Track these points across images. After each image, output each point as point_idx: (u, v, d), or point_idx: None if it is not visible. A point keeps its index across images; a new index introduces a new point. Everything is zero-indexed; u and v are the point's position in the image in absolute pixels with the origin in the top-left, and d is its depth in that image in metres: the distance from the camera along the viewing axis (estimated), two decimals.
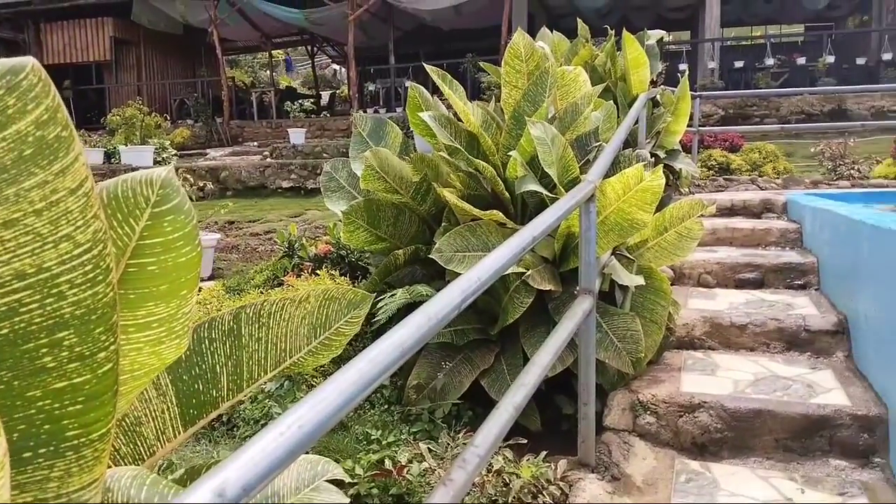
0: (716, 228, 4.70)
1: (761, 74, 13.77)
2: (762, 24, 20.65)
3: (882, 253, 2.59)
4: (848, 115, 12.03)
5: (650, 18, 17.65)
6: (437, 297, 1.27)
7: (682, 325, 3.30)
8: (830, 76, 13.36)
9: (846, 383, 2.71)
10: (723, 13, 15.08)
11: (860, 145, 9.29)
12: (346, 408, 0.94)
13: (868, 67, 13.88)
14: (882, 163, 7.80)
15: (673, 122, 5.43)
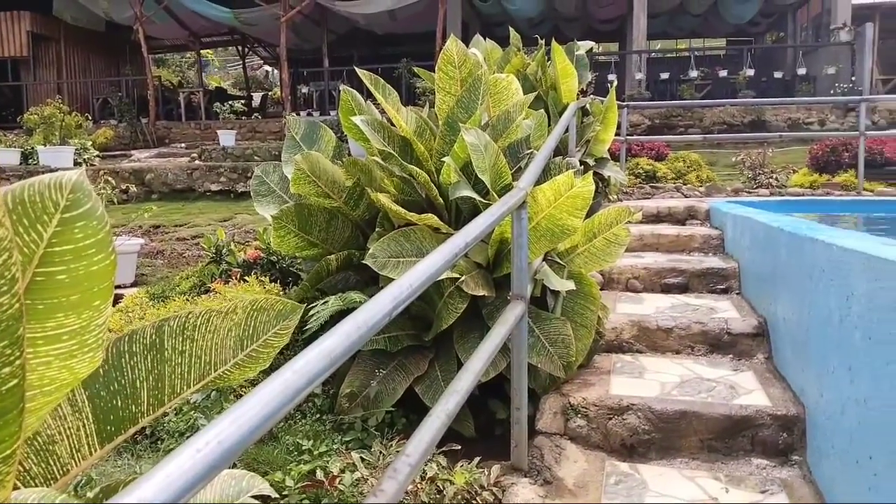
0: (643, 235, 4.84)
1: (686, 86, 14.29)
2: (687, 37, 21.50)
3: (797, 259, 2.72)
4: (766, 126, 12.63)
5: (580, 29, 18.10)
6: (368, 305, 1.25)
7: (612, 329, 3.37)
8: (750, 89, 13.98)
9: (766, 384, 2.82)
10: (649, 26, 15.59)
11: (778, 155, 9.76)
12: (270, 421, 0.91)
13: (785, 81, 14.61)
14: (798, 172, 8.21)
15: (602, 131, 5.55)
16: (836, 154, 7.73)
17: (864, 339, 1.91)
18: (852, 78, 13.09)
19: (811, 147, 8.18)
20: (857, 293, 1.99)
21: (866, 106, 7.39)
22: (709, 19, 17.46)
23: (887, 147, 7.72)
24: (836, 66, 13.50)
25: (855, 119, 9.87)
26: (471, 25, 16.52)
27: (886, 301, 1.77)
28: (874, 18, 15.41)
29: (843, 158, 7.62)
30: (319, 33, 17.09)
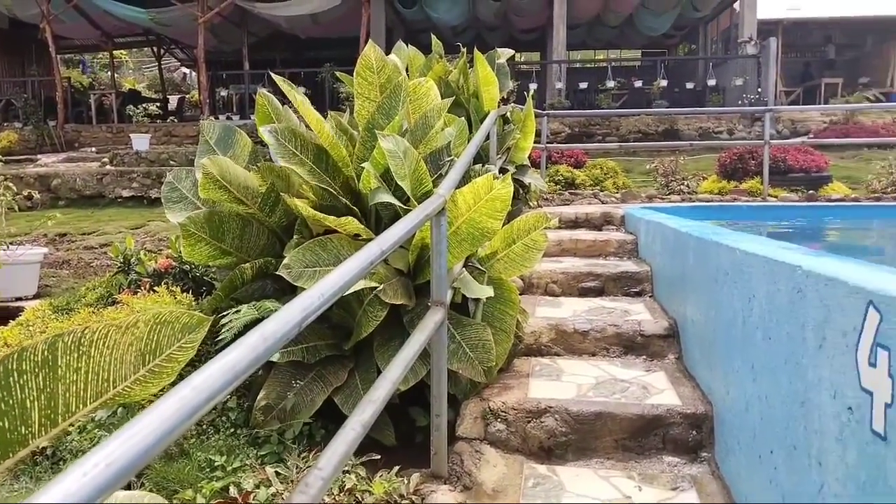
0: (562, 240, 4.95)
1: (603, 95, 14.73)
2: (605, 48, 22.20)
3: (704, 263, 2.83)
4: (679, 135, 13.16)
5: (503, 38, 18.40)
6: (276, 316, 1.21)
7: (531, 333, 3.42)
8: (664, 99, 14.56)
9: (677, 384, 2.93)
10: (569, 37, 15.99)
11: (690, 163, 10.19)
12: (166, 441, 0.86)
13: (696, 91, 15.28)
14: (708, 179, 8.60)
15: (522, 138, 5.65)
16: (742, 162, 8.14)
17: (765, 338, 2.01)
18: (758, 89, 13.81)
19: (720, 155, 8.57)
20: (758, 295, 2.09)
21: (770, 116, 7.81)
22: (625, 31, 18.09)
23: (790, 155, 8.19)
24: (743, 77, 14.24)
25: (761, 128, 10.41)
26: (395, 31, 16.52)
27: (783, 302, 1.86)
28: (777, 33, 16.35)
29: (749, 166, 8.03)
30: (239, 35, 16.70)
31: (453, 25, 17.06)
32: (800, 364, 1.72)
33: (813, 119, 13.37)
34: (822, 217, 6.38)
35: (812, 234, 5.84)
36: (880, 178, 7.95)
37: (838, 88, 16.58)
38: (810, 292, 1.67)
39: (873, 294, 1.36)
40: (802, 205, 6.92)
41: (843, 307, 1.49)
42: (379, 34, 15.15)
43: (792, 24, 17.76)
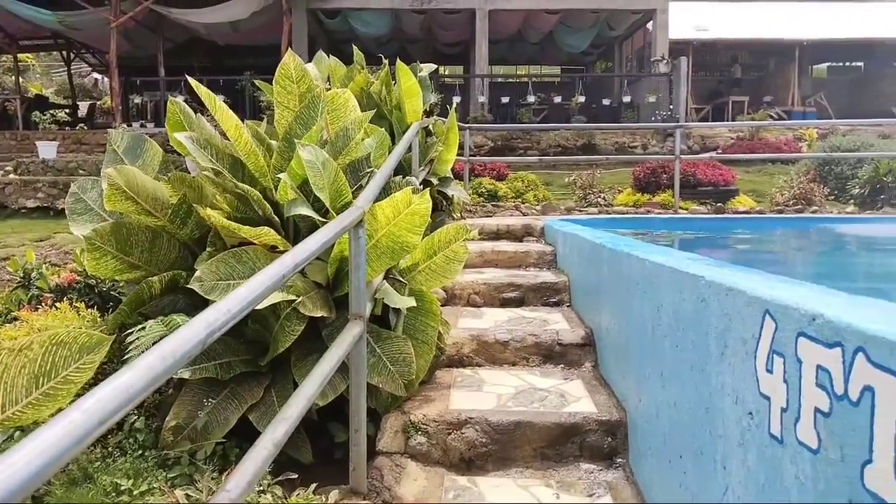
0: (484, 251, 5.00)
1: (524, 110, 15.04)
2: (526, 63, 22.69)
3: (617, 273, 2.92)
4: (597, 149, 13.57)
5: (426, 51, 18.54)
6: (177, 334, 1.16)
7: (453, 344, 3.43)
8: (582, 114, 15.00)
9: (593, 391, 2.99)
10: (491, 52, 16.26)
11: (606, 176, 10.50)
12: (52, 468, 0.81)
13: (612, 108, 15.81)
14: (623, 192, 8.89)
15: (444, 151, 5.69)
16: (655, 175, 8.46)
17: (672, 346, 2.08)
18: (670, 106, 14.43)
19: (634, 169, 8.88)
20: (666, 304, 2.16)
21: (681, 132, 8.16)
22: (545, 48, 18.58)
23: (699, 170, 8.57)
24: (656, 94, 14.85)
25: (673, 144, 10.87)
26: (318, 41, 16.36)
27: (688, 311, 1.93)
28: (688, 53, 17.14)
29: (661, 179, 8.36)
30: (155, 41, 16.14)
31: (377, 37, 17.06)
32: (704, 371, 1.79)
33: (721, 135, 14.06)
34: (729, 228, 6.70)
35: (720, 244, 6.12)
36: (783, 191, 8.43)
37: (745, 106, 17.52)
38: (713, 302, 1.74)
39: (769, 303, 1.43)
40: (711, 217, 7.26)
41: (742, 316, 1.56)
42: (301, 43, 14.97)
43: (701, 45, 18.66)
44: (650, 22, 16.07)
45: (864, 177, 8.22)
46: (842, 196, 8.62)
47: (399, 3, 15.62)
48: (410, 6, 15.59)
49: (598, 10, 16.10)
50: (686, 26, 18.24)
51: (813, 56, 21.28)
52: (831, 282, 4.03)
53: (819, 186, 8.32)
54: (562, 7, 15.72)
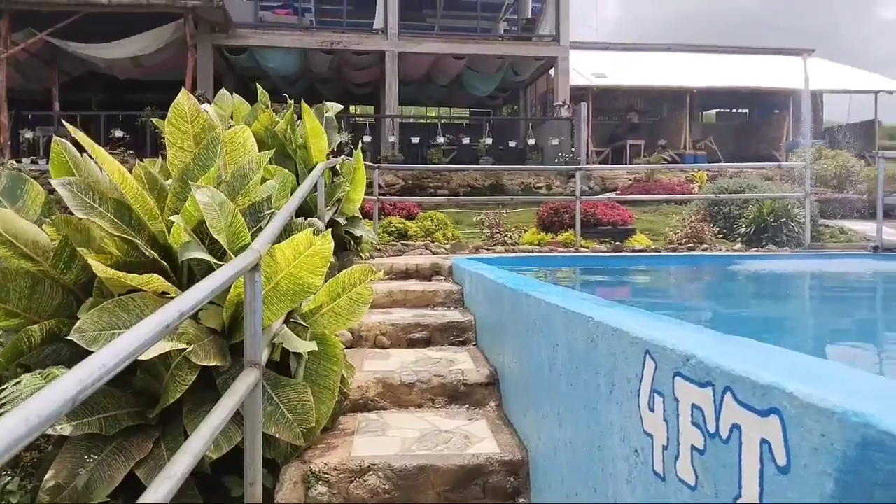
0: (392, 291, 4.99)
1: (434, 150, 15.28)
2: (436, 105, 23.14)
3: (517, 312, 2.97)
4: (504, 189, 13.93)
5: (337, 90, 18.60)
6: (43, 392, 1.09)
7: (358, 388, 3.38)
8: (489, 155, 15.39)
9: (497, 431, 3.01)
10: (401, 93, 16.50)
11: (513, 215, 10.78)
12: None
13: (518, 149, 16.32)
14: (529, 231, 9.14)
15: (352, 190, 5.68)
16: (558, 215, 8.75)
17: (567, 385, 2.13)
18: (572, 149, 15.05)
19: (539, 209, 9.16)
20: (561, 344, 2.22)
21: (581, 174, 8.51)
22: (454, 91, 19.03)
23: (599, 210, 8.94)
24: (559, 138, 15.45)
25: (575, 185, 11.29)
26: (224, 77, 16.11)
27: (580, 351, 1.99)
28: (588, 99, 17.98)
29: (564, 219, 8.65)
30: (50, 74, 15.42)
31: (286, 75, 16.98)
32: (595, 409, 1.84)
33: (620, 177, 14.76)
34: (627, 266, 6.99)
35: (619, 282, 6.37)
36: (676, 230, 8.90)
37: (641, 149, 18.51)
38: (601, 342, 1.80)
39: (649, 344, 1.49)
40: (610, 255, 7.55)
41: (627, 356, 1.62)
42: (206, 80, 14.70)
43: (600, 91, 19.66)
44: (552, 68, 16.80)
45: (749, 216, 8.81)
46: (730, 234, 9.19)
47: (308, 42, 15.65)
48: (320, 46, 15.65)
49: (503, 56, 16.71)
50: (586, 73, 19.20)
51: (703, 103, 22.84)
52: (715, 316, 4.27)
53: (709, 225, 8.84)
54: (468, 52, 16.20)
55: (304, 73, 17.34)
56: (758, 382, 1.07)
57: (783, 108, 20.02)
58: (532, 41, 17.34)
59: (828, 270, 6.77)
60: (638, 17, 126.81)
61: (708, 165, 15.94)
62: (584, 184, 13.58)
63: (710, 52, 23.48)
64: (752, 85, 20.16)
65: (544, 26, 17.52)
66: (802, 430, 0.97)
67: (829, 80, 20.33)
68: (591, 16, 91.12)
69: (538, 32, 17.68)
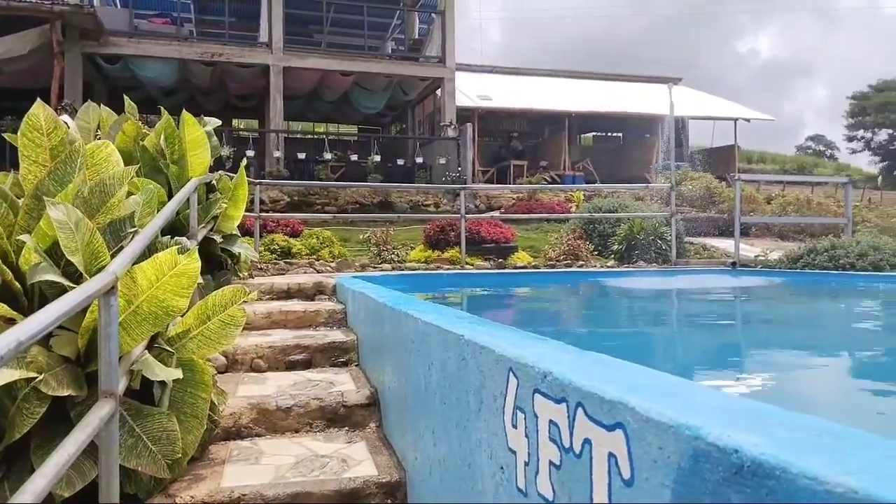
0: (271, 312, 4.84)
1: (322, 166, 15.08)
2: (324, 121, 22.89)
3: (396, 331, 2.96)
4: (393, 207, 13.94)
5: (219, 103, 17.99)
6: None
7: (230, 415, 3.23)
8: (378, 172, 15.37)
9: (376, 453, 2.97)
10: (288, 107, 16.21)
11: (402, 233, 10.80)
12: None
13: (406, 167, 16.41)
14: (416, 248, 9.18)
15: (231, 207, 5.48)
16: (444, 233, 8.85)
17: (441, 403, 2.13)
18: (458, 168, 15.31)
19: (425, 227, 9.23)
20: (436, 362, 2.22)
21: (466, 193, 8.67)
22: (342, 107, 18.91)
23: (483, 228, 9.12)
24: (446, 157, 15.68)
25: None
26: (95, 87, 15.20)
27: (453, 369, 2.00)
28: (473, 120, 18.41)
29: (450, 237, 8.76)
30: None
31: (164, 86, 16.24)
32: (466, 427, 1.85)
33: (504, 196, 15.17)
34: (508, 282, 7.17)
35: (500, 298, 6.51)
36: (555, 247, 9.23)
37: (524, 169, 19.12)
38: (471, 360, 1.82)
39: (512, 361, 1.52)
40: (494, 272, 7.72)
41: (493, 373, 1.64)
42: (75, 89, 13.80)
43: (486, 113, 20.19)
44: (439, 89, 17.07)
45: (621, 234, 9.29)
46: (604, 251, 9.65)
47: (187, 53, 15.06)
48: (199, 57, 15.10)
49: (391, 74, 16.80)
50: (472, 95, 19.67)
51: (581, 126, 23.94)
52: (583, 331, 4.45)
53: (585, 243, 9.24)
54: (355, 69, 16.17)
55: (184, 84, 16.64)
56: (605, 398, 1.12)
57: (653, 132, 21.35)
58: (419, 62, 17.55)
59: (688, 286, 7.25)
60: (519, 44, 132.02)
61: (585, 186, 16.71)
62: (470, 202, 13.85)
63: (588, 78, 24.76)
64: (625, 110, 21.39)
65: (431, 48, 17.80)
66: (644, 443, 1.01)
67: (694, 107, 21.94)
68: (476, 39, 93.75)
69: (425, 53, 17.94)
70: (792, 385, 2.85)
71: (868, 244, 7.19)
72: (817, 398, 2.66)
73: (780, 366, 3.33)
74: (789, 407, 1.01)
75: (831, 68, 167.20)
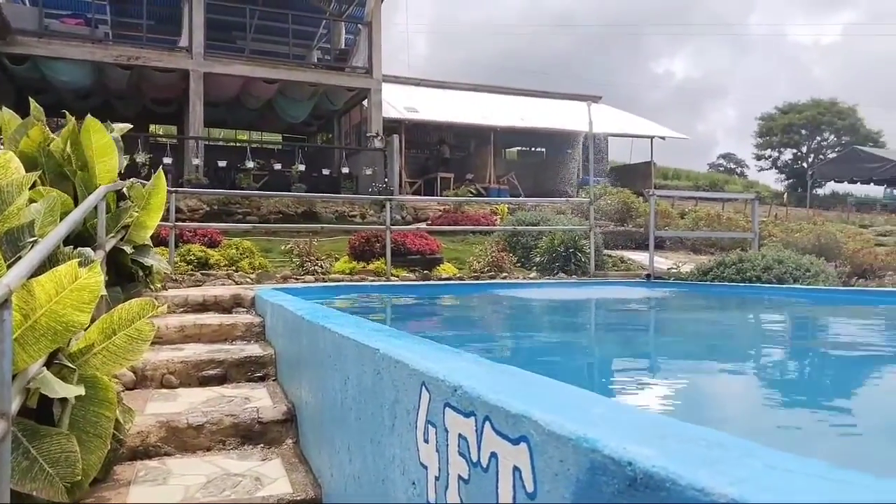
0: (185, 325, 4.67)
1: (244, 175, 14.73)
2: (247, 129, 22.41)
3: (314, 345, 2.91)
4: (318, 217, 13.75)
5: (135, 108, 17.33)
6: None
7: (138, 434, 3.09)
8: (303, 182, 15.14)
9: (292, 470, 2.90)
10: (209, 114, 15.79)
11: (327, 243, 10.65)
12: None
13: (332, 178, 16.25)
14: (340, 259, 9.07)
15: (144, 216, 5.26)
16: (370, 244, 8.80)
17: (357, 419, 2.10)
18: (385, 179, 15.26)
19: (350, 238, 9.14)
20: (352, 377, 2.19)
21: (394, 203, 8.66)
22: (266, 115, 18.56)
23: (409, 239, 9.11)
24: (373, 168, 15.62)
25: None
26: (2, 88, 14.37)
27: (368, 384, 1.98)
28: (401, 131, 18.43)
29: (375, 248, 8.71)
30: None
31: (77, 89, 15.51)
32: (381, 443, 1.83)
33: (431, 207, 15.23)
34: (432, 294, 7.18)
35: (423, 310, 6.51)
36: (479, 259, 9.32)
37: (451, 182, 19.27)
38: (385, 374, 1.80)
39: (424, 375, 1.51)
40: (418, 284, 7.72)
41: (406, 388, 1.63)
42: None
43: (413, 125, 20.25)
44: (366, 100, 17.01)
45: (543, 247, 9.48)
46: (527, 263, 9.82)
47: (102, 55, 14.46)
48: (115, 60, 14.53)
49: (316, 83, 16.63)
50: (399, 106, 19.71)
51: (505, 141, 24.36)
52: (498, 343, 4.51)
53: (509, 255, 9.38)
54: (279, 77, 15.92)
55: (99, 87, 15.95)
56: (510, 411, 1.12)
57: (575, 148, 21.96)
58: (346, 72, 17.45)
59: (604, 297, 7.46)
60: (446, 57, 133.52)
61: (510, 199, 16.99)
62: (397, 213, 13.84)
63: (513, 94, 25.23)
64: (547, 126, 21.91)
65: (358, 58, 17.73)
66: (546, 456, 1.02)
67: (614, 124, 22.69)
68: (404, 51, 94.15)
69: (352, 63, 17.85)
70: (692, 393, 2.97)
71: (773, 258, 7.60)
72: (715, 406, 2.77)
73: (682, 374, 3.46)
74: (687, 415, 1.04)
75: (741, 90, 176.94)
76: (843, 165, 30.63)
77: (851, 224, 21.70)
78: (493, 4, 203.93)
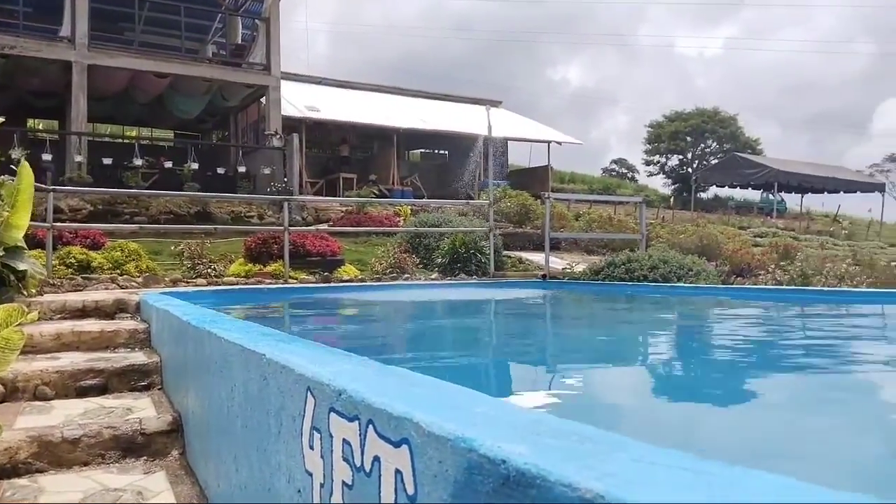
0: (62, 333, 4.36)
1: (131, 173, 14.00)
2: (135, 125, 21.31)
3: (200, 352, 2.79)
4: (212, 218, 13.25)
5: (12, 100, 16.11)
6: None
7: (5, 450, 2.85)
8: (196, 181, 14.54)
9: (177, 483, 2.76)
10: (95, 109, 14.92)
11: (222, 245, 10.29)
12: None
13: (228, 177, 15.71)
14: (236, 262, 8.78)
15: (13, 215, 4.89)
16: (267, 246, 8.56)
17: (243, 427, 2.03)
18: (285, 179, 14.92)
19: (246, 239, 8.87)
20: (238, 384, 2.11)
21: (290, 204, 8.45)
22: (156, 111, 17.71)
23: (308, 241, 8.94)
24: (271, 167, 15.22)
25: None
26: None
27: (255, 391, 1.91)
28: (301, 130, 18.06)
29: (273, 250, 8.49)
30: None
31: None
32: (266, 451, 1.77)
33: (333, 208, 15.03)
34: (331, 296, 7.08)
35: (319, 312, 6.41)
36: (381, 261, 9.28)
37: (354, 182, 19.09)
38: (272, 380, 1.75)
39: (310, 380, 1.47)
40: (318, 286, 7.58)
41: (292, 394, 1.59)
42: None
43: (314, 124, 19.90)
44: (264, 97, 16.57)
45: (444, 248, 9.56)
46: (429, 264, 9.86)
47: None
48: None
49: (211, 79, 16.05)
50: (300, 105, 19.32)
51: (408, 142, 24.43)
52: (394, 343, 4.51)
53: (411, 256, 9.39)
54: (171, 72, 15.25)
55: None
56: (392, 414, 1.11)
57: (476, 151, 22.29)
58: (242, 68, 16.92)
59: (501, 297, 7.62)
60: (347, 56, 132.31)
61: (413, 201, 17.02)
62: (298, 214, 13.55)
63: (415, 96, 25.32)
64: (449, 129, 22.12)
65: (255, 54, 17.24)
66: (426, 458, 1.02)
67: (513, 129, 23.23)
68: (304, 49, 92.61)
69: (249, 59, 17.34)
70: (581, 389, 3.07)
71: (658, 258, 8.01)
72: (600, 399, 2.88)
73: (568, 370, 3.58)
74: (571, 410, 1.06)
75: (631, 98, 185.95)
76: (724, 171, 32.71)
77: (731, 226, 23.21)
78: (393, 5, 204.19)
